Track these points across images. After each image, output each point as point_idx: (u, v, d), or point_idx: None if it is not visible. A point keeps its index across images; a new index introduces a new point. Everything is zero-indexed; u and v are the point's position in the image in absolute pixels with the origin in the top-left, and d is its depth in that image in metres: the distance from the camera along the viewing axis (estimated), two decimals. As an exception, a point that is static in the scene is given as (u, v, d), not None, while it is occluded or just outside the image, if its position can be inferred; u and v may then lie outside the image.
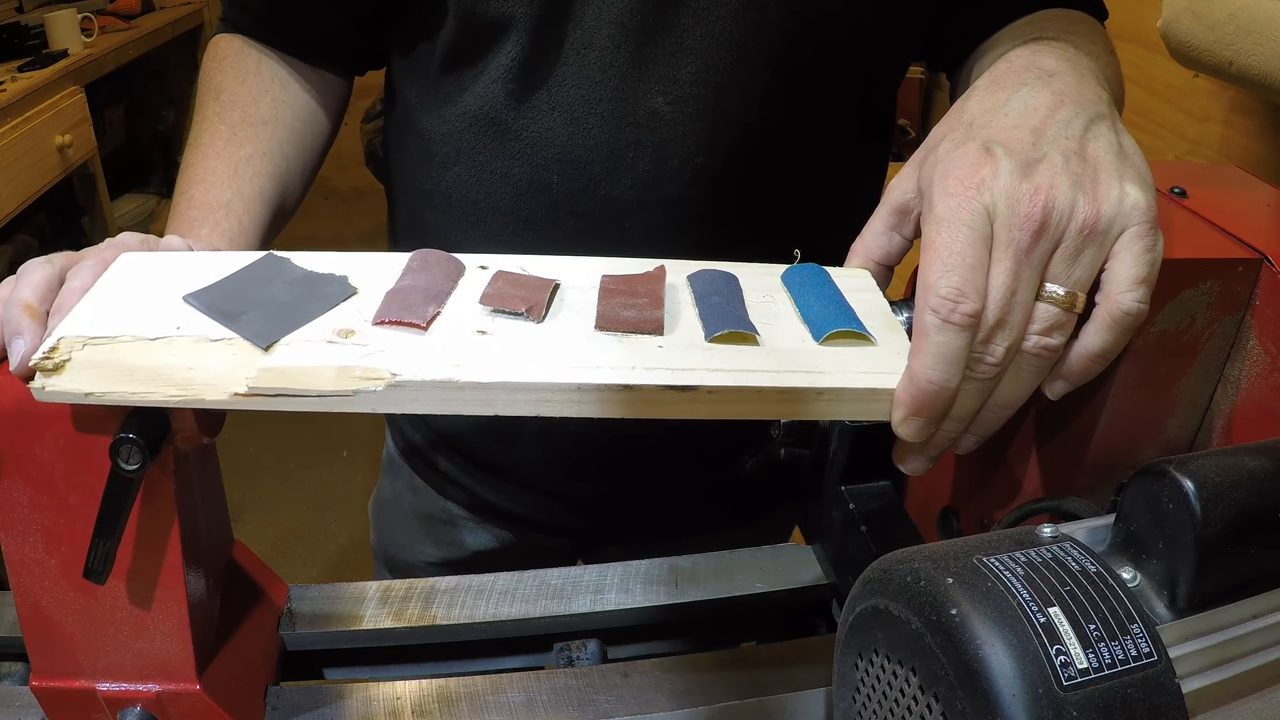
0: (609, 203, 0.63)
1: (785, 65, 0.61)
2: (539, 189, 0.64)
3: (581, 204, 0.64)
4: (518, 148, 0.63)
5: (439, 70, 0.65)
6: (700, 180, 0.63)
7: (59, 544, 0.42)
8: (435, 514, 0.86)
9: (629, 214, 0.63)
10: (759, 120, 0.62)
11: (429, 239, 0.71)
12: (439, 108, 0.66)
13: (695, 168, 0.62)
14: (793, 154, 0.65)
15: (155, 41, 2.55)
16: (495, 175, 0.65)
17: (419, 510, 0.87)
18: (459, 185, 0.67)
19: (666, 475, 0.79)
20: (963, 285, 0.38)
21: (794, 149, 0.65)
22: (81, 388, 0.36)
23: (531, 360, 0.38)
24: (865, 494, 0.60)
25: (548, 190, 0.64)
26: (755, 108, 0.62)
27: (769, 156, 0.64)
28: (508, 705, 0.52)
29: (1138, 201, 0.40)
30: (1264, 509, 0.35)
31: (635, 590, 0.61)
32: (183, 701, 0.47)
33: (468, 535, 0.86)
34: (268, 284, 0.42)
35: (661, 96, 0.60)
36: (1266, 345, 0.47)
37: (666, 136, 0.61)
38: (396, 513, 0.90)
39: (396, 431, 0.88)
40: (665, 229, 0.64)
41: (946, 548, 0.33)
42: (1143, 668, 0.29)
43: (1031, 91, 0.44)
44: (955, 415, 0.41)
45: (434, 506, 0.86)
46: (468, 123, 0.65)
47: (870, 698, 0.34)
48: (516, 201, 0.65)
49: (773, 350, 0.40)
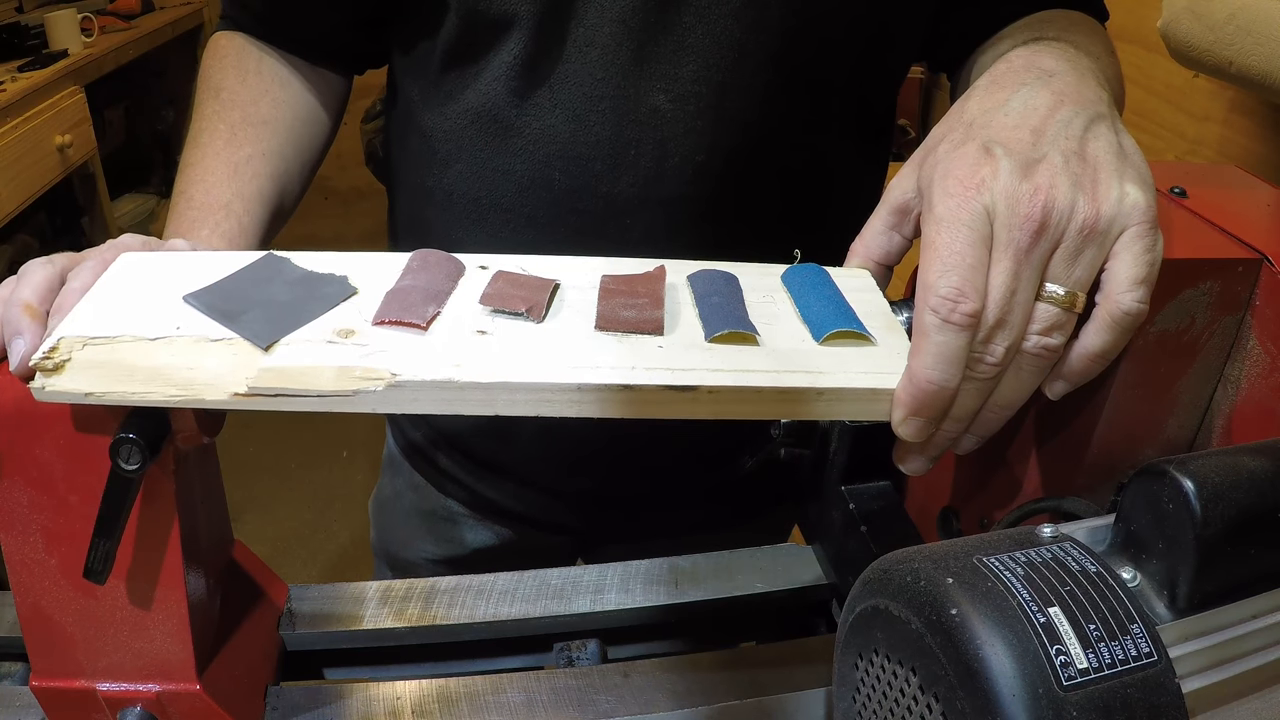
0: (610, 200, 0.63)
1: (787, 64, 0.61)
2: (541, 186, 0.64)
3: (583, 201, 0.64)
4: (520, 144, 0.64)
5: (440, 68, 0.65)
6: (701, 178, 0.63)
7: (59, 544, 0.42)
8: (436, 511, 0.86)
9: (630, 211, 0.64)
10: (760, 119, 0.62)
11: (429, 237, 0.72)
12: (441, 105, 0.66)
13: (696, 166, 0.62)
14: (794, 153, 0.66)
15: (155, 41, 2.55)
16: (497, 172, 0.65)
17: (419, 508, 0.87)
18: (460, 182, 0.67)
19: (666, 474, 0.79)
20: (963, 285, 0.38)
21: (795, 148, 0.65)
22: (81, 388, 0.36)
23: (531, 360, 0.38)
24: (865, 494, 0.60)
25: (549, 187, 0.64)
26: (757, 106, 0.62)
27: (770, 155, 0.64)
28: (508, 705, 0.52)
29: (1138, 201, 0.40)
30: (1264, 509, 0.35)
31: (635, 590, 0.61)
32: (183, 701, 0.47)
33: (468, 533, 0.86)
34: (268, 284, 0.42)
35: (663, 94, 0.61)
36: (1266, 345, 0.47)
37: (668, 134, 0.61)
38: (397, 511, 0.90)
39: (397, 430, 0.88)
40: (666, 227, 0.64)
41: (946, 548, 0.33)
42: (1143, 668, 0.29)
43: (1031, 92, 0.44)
44: (955, 415, 0.41)
45: (434, 504, 0.86)
46: (470, 120, 0.65)
47: (870, 698, 0.34)
48: (518, 198, 0.65)
49: (773, 350, 0.40)
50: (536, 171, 0.64)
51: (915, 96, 2.27)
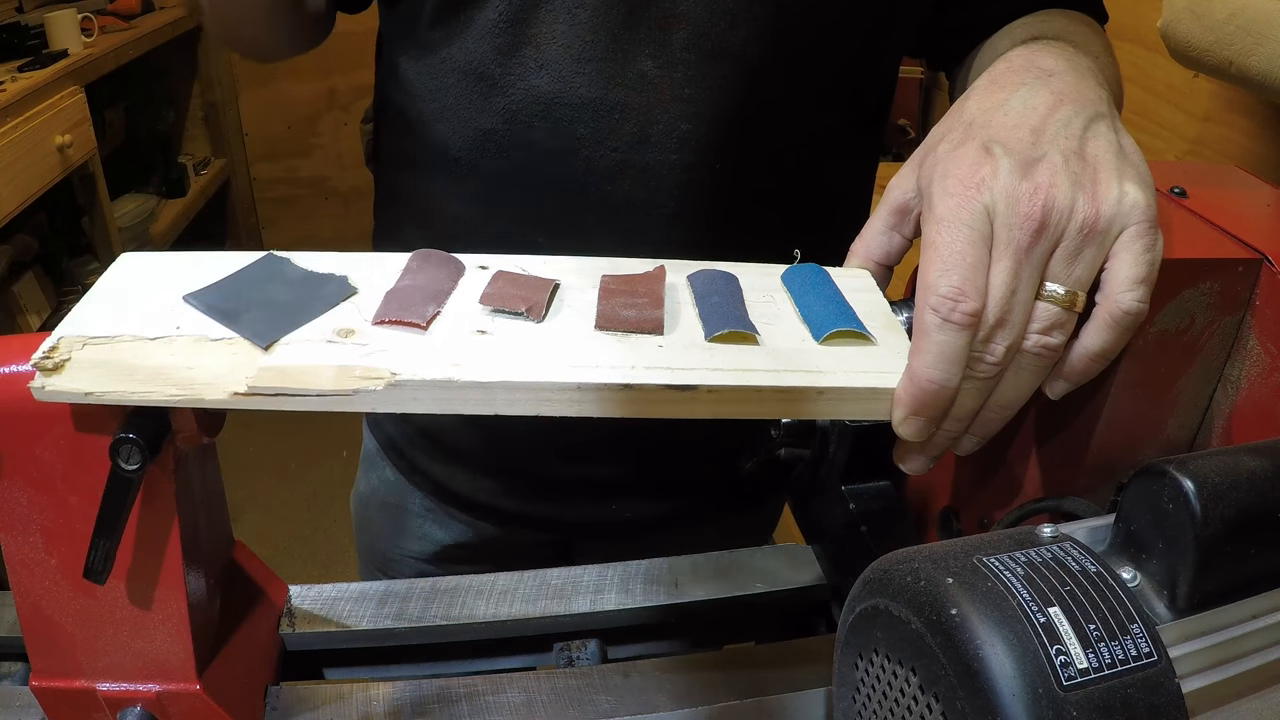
0: (592, 164, 0.63)
1: (779, 39, 0.61)
2: (522, 146, 0.64)
3: (565, 164, 0.63)
4: (503, 104, 0.63)
5: (428, 25, 0.65)
6: (685, 147, 0.62)
7: (59, 544, 0.42)
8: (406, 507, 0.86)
9: (612, 176, 0.63)
10: (749, 93, 0.62)
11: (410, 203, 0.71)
12: (426, 62, 0.66)
13: (681, 134, 0.62)
14: (782, 131, 0.65)
15: (155, 41, 2.54)
16: (479, 131, 0.65)
17: (390, 503, 0.87)
18: (441, 141, 0.66)
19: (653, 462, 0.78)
20: (963, 284, 0.38)
21: (784, 126, 0.65)
22: (81, 387, 0.36)
23: (531, 360, 0.38)
24: (865, 494, 0.60)
25: (531, 148, 0.64)
26: (745, 81, 0.61)
27: (757, 133, 0.64)
28: (508, 705, 0.52)
29: (1137, 201, 0.40)
30: (1264, 509, 0.35)
31: (635, 590, 0.61)
32: (183, 701, 0.47)
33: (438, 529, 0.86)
34: (268, 283, 0.42)
35: (651, 60, 0.60)
36: (1266, 345, 0.47)
37: (654, 100, 0.61)
38: (371, 506, 0.90)
39: (376, 427, 0.88)
40: (647, 192, 0.64)
41: (946, 548, 0.33)
42: (1143, 668, 0.29)
43: (1031, 91, 0.44)
44: (955, 415, 0.41)
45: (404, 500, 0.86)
46: (456, 78, 0.64)
47: (870, 698, 0.34)
48: (499, 159, 0.65)
49: (773, 350, 0.40)
50: (519, 132, 0.63)
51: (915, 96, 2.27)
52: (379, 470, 0.87)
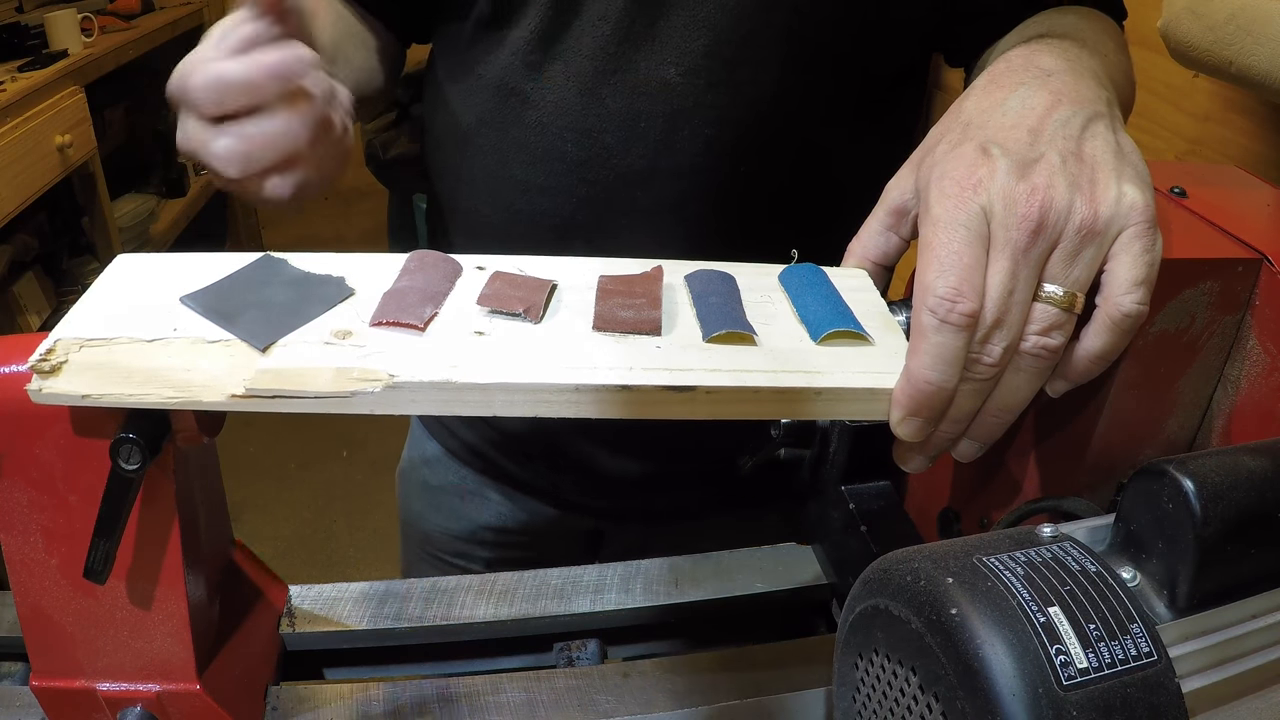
0: (621, 172, 0.65)
1: (799, 44, 0.62)
2: (554, 158, 0.66)
3: (594, 172, 0.66)
4: (535, 117, 0.66)
5: (468, 44, 0.68)
6: (711, 152, 0.64)
7: (59, 544, 0.42)
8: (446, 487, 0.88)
9: (639, 183, 0.65)
10: (771, 97, 0.64)
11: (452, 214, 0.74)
12: (465, 81, 0.69)
13: (706, 139, 0.64)
14: (804, 136, 0.66)
15: (155, 41, 2.55)
16: (514, 144, 0.67)
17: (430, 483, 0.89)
18: (480, 155, 0.69)
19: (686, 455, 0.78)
20: (960, 285, 0.38)
21: (805, 130, 0.66)
22: (78, 390, 0.36)
23: (529, 361, 0.38)
24: (865, 494, 0.60)
25: (562, 159, 0.66)
26: (768, 85, 0.63)
27: (781, 136, 0.65)
28: (508, 705, 0.52)
29: (1135, 201, 0.40)
30: (1264, 509, 0.35)
31: (635, 590, 0.61)
32: (183, 701, 0.47)
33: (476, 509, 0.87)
34: (265, 285, 0.42)
35: (674, 68, 0.62)
36: (1266, 345, 0.47)
37: (678, 107, 0.63)
38: (412, 482, 0.92)
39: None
40: (675, 199, 0.65)
41: (946, 548, 0.33)
42: (1143, 667, 0.29)
43: (1029, 91, 0.44)
44: (953, 416, 0.40)
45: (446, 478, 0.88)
46: (490, 93, 0.67)
47: (870, 698, 0.34)
48: (531, 169, 0.67)
49: (770, 350, 0.40)
50: (550, 143, 0.66)
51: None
52: (419, 448, 0.90)
